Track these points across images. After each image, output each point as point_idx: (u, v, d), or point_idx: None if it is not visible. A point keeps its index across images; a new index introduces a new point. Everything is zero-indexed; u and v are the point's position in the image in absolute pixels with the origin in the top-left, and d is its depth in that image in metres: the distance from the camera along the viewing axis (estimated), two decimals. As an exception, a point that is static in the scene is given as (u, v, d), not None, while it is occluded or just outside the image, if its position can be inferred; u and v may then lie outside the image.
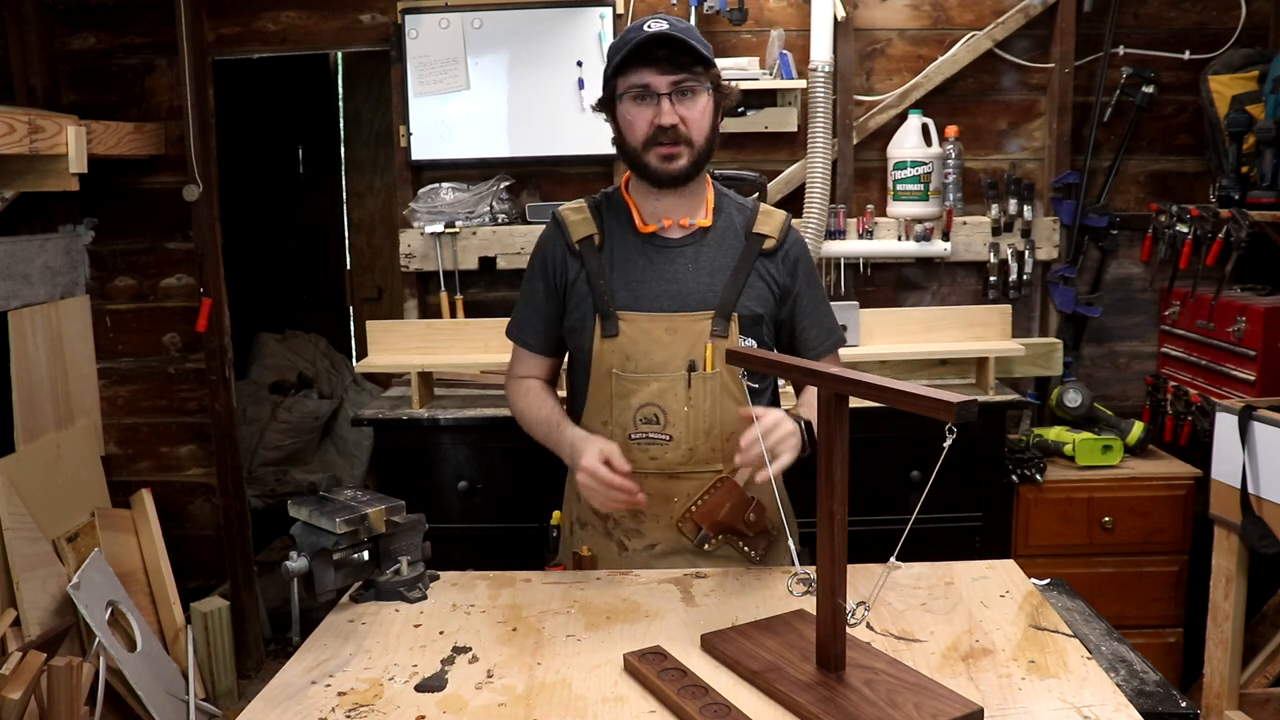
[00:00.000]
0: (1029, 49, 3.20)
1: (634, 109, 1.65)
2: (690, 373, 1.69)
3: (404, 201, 3.24)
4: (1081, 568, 2.86)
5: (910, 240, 3.14)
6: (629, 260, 1.73)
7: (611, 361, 1.71)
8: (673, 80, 1.62)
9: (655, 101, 1.63)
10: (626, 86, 1.64)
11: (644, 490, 1.66)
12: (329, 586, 1.51)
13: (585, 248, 1.75)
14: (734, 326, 1.69)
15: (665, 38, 1.59)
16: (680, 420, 1.70)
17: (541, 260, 1.81)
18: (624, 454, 1.69)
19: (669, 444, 1.71)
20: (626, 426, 1.72)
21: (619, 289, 1.72)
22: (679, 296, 1.71)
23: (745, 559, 1.76)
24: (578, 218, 1.78)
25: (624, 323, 1.71)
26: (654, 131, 1.64)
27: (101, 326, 3.38)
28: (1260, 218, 2.71)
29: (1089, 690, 1.24)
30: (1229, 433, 2.45)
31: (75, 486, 3.11)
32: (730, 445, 1.70)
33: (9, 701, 2.28)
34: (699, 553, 1.75)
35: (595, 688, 1.27)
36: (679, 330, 1.69)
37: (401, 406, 2.88)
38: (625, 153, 1.71)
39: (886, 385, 1.14)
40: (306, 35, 3.24)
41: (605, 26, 3.12)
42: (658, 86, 1.62)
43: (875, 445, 2.67)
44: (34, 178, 2.70)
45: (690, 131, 1.65)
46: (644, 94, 1.63)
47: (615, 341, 1.71)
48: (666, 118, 1.63)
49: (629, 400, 1.71)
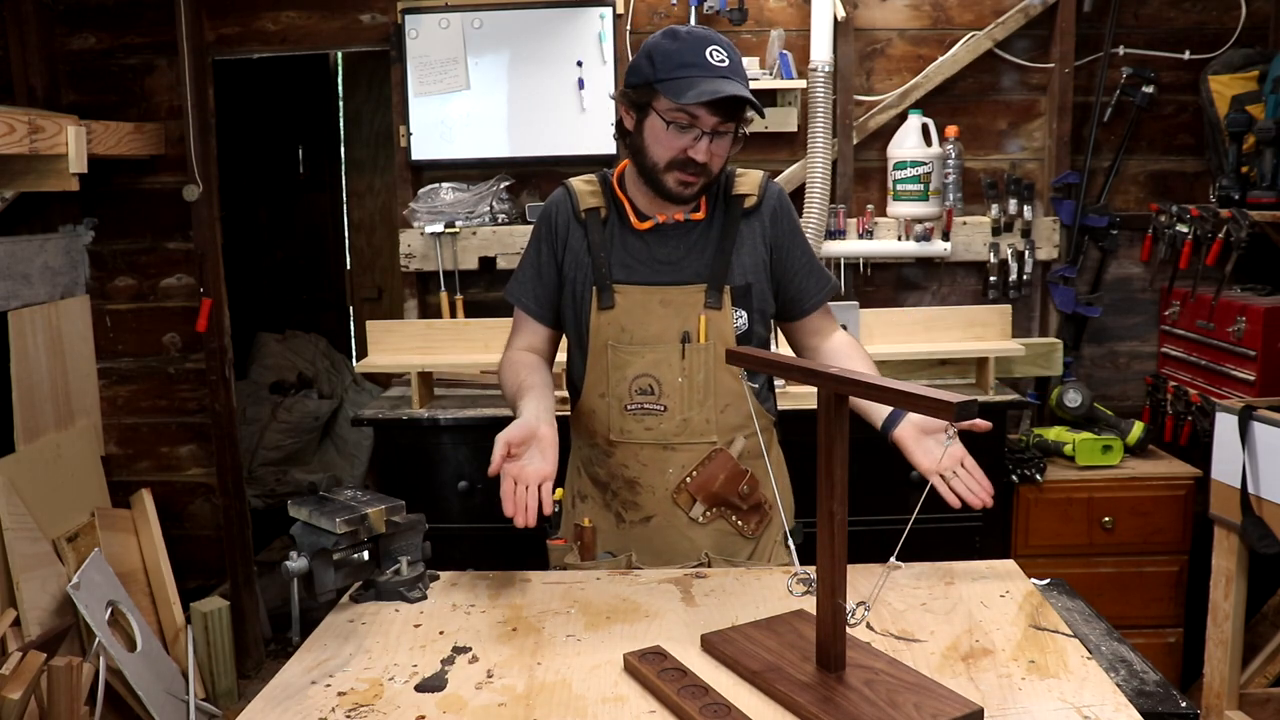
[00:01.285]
0: (1029, 49, 3.20)
1: (674, 134, 1.63)
2: (684, 344, 1.72)
3: (404, 201, 3.25)
4: (1081, 568, 2.86)
5: (910, 240, 3.15)
6: (626, 242, 1.76)
7: (608, 334, 1.75)
8: (718, 122, 1.62)
9: (694, 134, 1.62)
10: (672, 111, 1.62)
11: (639, 461, 1.75)
12: (329, 586, 1.51)
13: (591, 218, 1.77)
14: (726, 298, 1.72)
15: (738, 100, 1.59)
16: (675, 391, 1.73)
17: (546, 223, 1.82)
18: (619, 426, 1.75)
19: (664, 414, 1.74)
20: (623, 398, 1.75)
21: (616, 265, 1.75)
22: (672, 271, 1.74)
23: (738, 532, 1.79)
24: (587, 189, 1.80)
25: (619, 295, 1.74)
26: (683, 159, 1.64)
27: (101, 326, 3.38)
28: (1260, 218, 2.71)
29: (1089, 690, 1.24)
30: (1229, 433, 2.45)
31: (75, 486, 3.11)
32: (725, 416, 1.74)
33: (9, 701, 2.28)
34: (691, 525, 1.77)
35: (595, 688, 1.27)
36: (673, 302, 1.73)
37: (401, 406, 2.88)
38: (641, 161, 1.69)
39: (886, 385, 1.13)
40: (306, 35, 3.24)
41: (605, 26, 3.12)
42: (704, 124, 1.62)
43: (875, 445, 2.67)
44: (34, 178, 2.70)
45: (714, 166, 1.66)
46: (688, 126, 1.62)
47: (611, 314, 1.74)
48: (702, 155, 1.63)
49: (625, 371, 1.74)
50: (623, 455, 1.78)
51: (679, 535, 1.78)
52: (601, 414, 1.78)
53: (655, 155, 1.66)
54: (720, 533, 1.79)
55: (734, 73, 1.61)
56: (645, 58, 1.65)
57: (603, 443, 1.79)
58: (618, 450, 1.78)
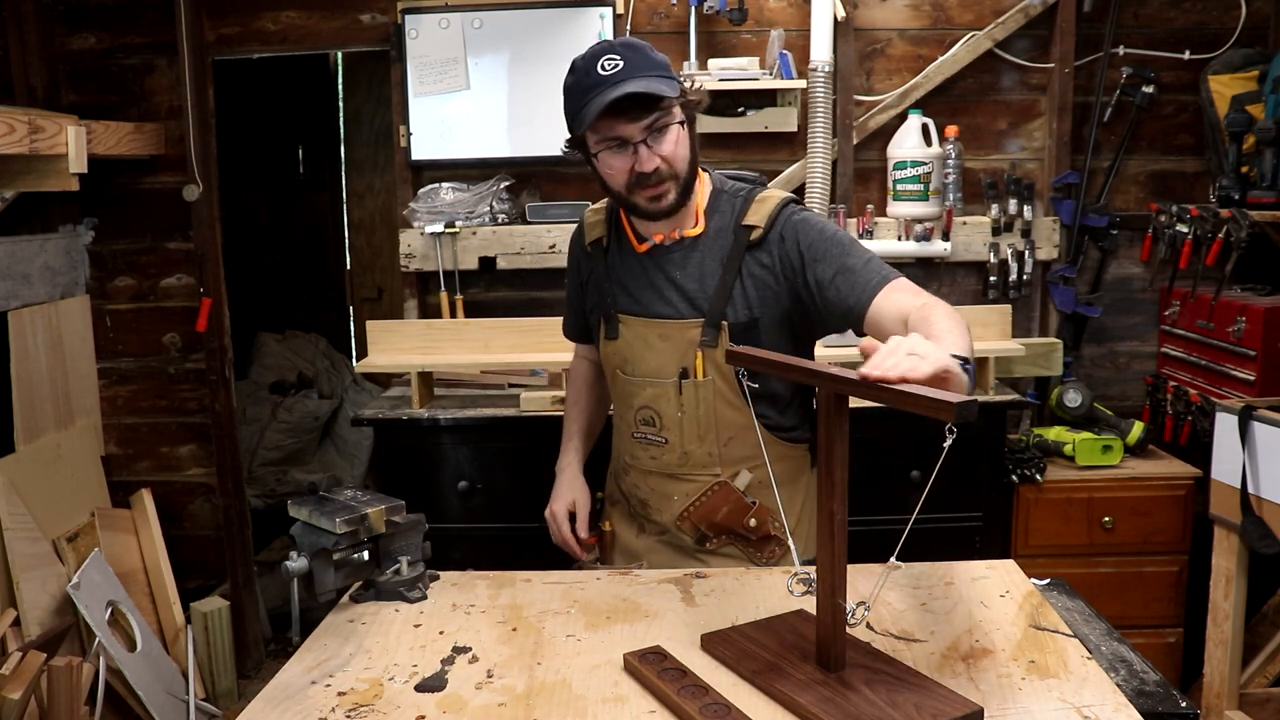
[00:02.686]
0: (1029, 49, 3.20)
1: (611, 159, 1.60)
2: (682, 380, 1.70)
3: (404, 201, 3.24)
4: (1081, 568, 2.86)
5: (910, 240, 3.14)
6: (628, 266, 1.76)
7: (615, 363, 1.77)
8: (644, 125, 1.56)
9: (631, 150, 1.58)
10: (599, 142, 1.59)
11: (648, 485, 1.79)
12: (329, 586, 1.51)
13: (595, 250, 1.81)
14: (724, 336, 1.66)
15: (633, 96, 1.53)
16: (674, 425, 1.72)
17: (570, 255, 1.93)
18: (630, 451, 1.77)
19: (665, 446, 1.74)
20: (630, 425, 1.78)
21: (620, 293, 1.76)
22: (670, 303, 1.71)
23: (750, 560, 1.79)
24: (595, 219, 1.83)
25: (623, 326, 1.74)
26: (636, 178, 1.60)
27: (101, 326, 3.38)
28: (1260, 218, 2.71)
29: (1089, 690, 1.24)
30: (1229, 433, 2.45)
31: (75, 486, 3.11)
32: (729, 449, 1.72)
33: (9, 701, 2.28)
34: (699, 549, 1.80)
35: (595, 688, 1.27)
36: (670, 337, 1.70)
37: (401, 406, 2.88)
38: (612, 194, 1.68)
39: (887, 385, 1.13)
40: (306, 35, 3.24)
41: (605, 26, 3.12)
42: (631, 136, 1.57)
43: (875, 445, 2.67)
44: (34, 178, 2.70)
45: (673, 167, 1.61)
46: (619, 145, 1.59)
47: (616, 344, 1.76)
48: (646, 164, 1.58)
49: (630, 401, 1.76)
50: (634, 477, 1.81)
51: (690, 557, 1.80)
52: (617, 435, 1.85)
53: (614, 184, 1.64)
54: (729, 558, 1.79)
55: (630, 71, 1.53)
56: (565, 109, 1.62)
57: (620, 461, 1.86)
58: (630, 472, 1.82)
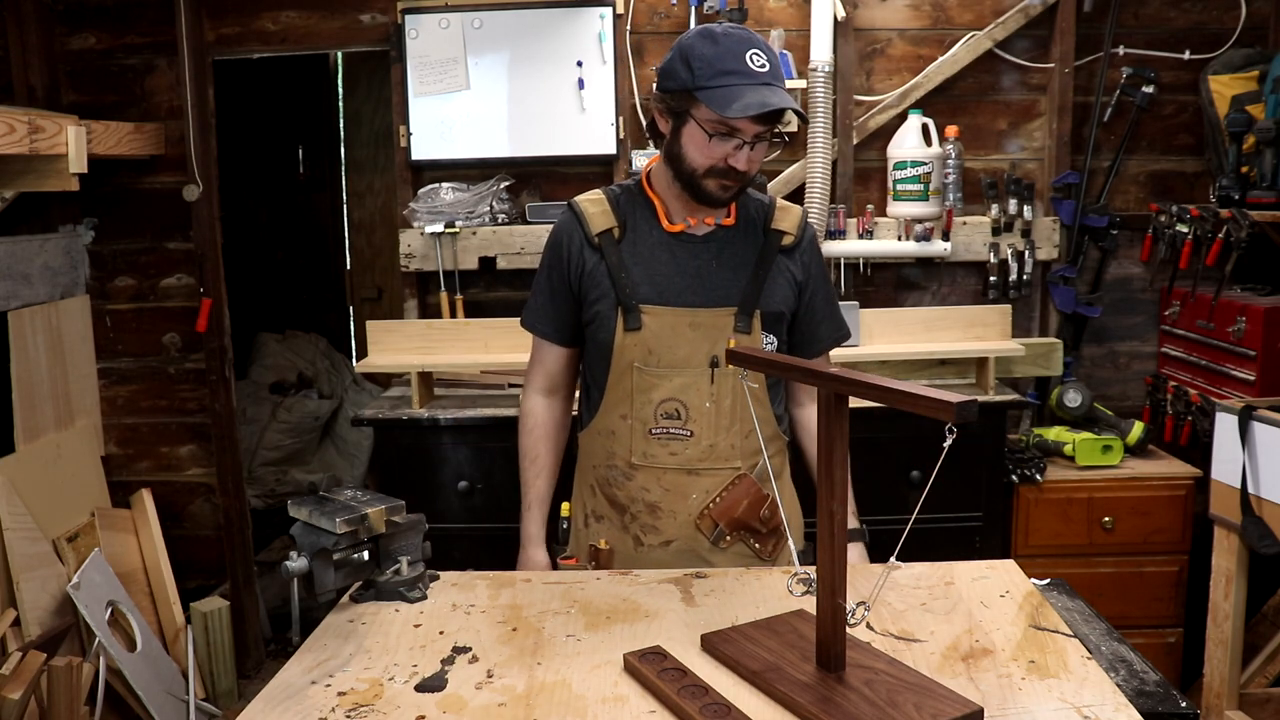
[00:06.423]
0: (1029, 49, 3.20)
1: (716, 144, 1.60)
2: (713, 368, 1.69)
3: (404, 201, 3.24)
4: (1081, 568, 2.86)
5: (910, 240, 3.14)
6: (653, 254, 1.73)
7: (634, 355, 1.71)
8: (760, 131, 1.60)
9: (736, 143, 1.59)
10: (713, 123, 1.58)
11: (662, 485, 1.73)
12: (329, 586, 1.51)
13: (605, 240, 1.74)
14: (756, 323, 1.70)
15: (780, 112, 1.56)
16: (702, 416, 1.70)
17: (556, 250, 1.79)
18: (642, 450, 1.73)
19: (690, 439, 1.71)
20: (647, 421, 1.72)
21: (642, 283, 1.71)
22: (703, 291, 1.71)
23: (756, 556, 1.78)
24: (596, 210, 1.76)
25: (647, 316, 1.70)
26: (723, 167, 1.61)
27: (101, 326, 3.38)
28: (1260, 218, 2.71)
29: (1089, 690, 1.24)
30: (1229, 433, 2.45)
31: (75, 486, 3.11)
32: (749, 441, 1.72)
33: (9, 701, 2.28)
34: (712, 550, 1.76)
35: (595, 688, 1.27)
36: (703, 325, 1.69)
37: (401, 406, 2.88)
38: (678, 166, 1.66)
39: (886, 385, 1.13)
40: (306, 35, 3.24)
41: (605, 26, 3.12)
42: (746, 134, 1.59)
43: (875, 445, 2.67)
44: (34, 178, 2.70)
45: (752, 171, 1.65)
46: (729, 134, 1.59)
47: (638, 335, 1.70)
48: (743, 164, 1.61)
49: (650, 395, 1.71)
50: (644, 479, 1.75)
51: (698, 560, 1.75)
52: (623, 435, 1.74)
53: (694, 162, 1.63)
54: (739, 556, 1.77)
55: (775, 78, 1.57)
56: (681, 62, 1.59)
57: (623, 465, 1.76)
58: (639, 474, 1.75)
